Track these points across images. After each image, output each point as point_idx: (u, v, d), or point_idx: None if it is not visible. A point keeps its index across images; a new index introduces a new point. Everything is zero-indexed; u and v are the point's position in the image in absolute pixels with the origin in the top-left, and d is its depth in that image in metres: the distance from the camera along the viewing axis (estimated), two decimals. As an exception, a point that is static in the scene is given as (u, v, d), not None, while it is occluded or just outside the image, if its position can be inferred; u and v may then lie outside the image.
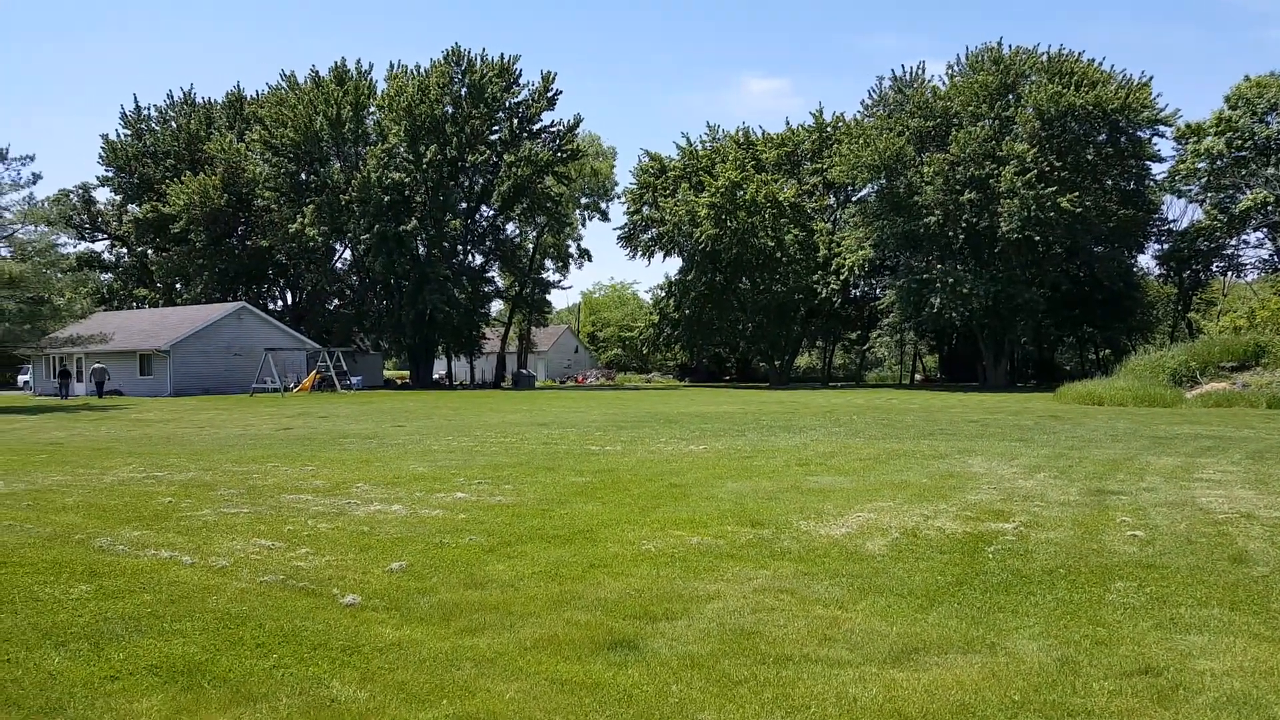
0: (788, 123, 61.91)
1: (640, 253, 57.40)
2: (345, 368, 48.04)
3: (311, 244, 51.19)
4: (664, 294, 57.84)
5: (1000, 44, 45.47)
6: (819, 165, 52.28)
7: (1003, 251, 43.54)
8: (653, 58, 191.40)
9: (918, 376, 62.18)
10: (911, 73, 48.96)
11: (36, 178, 36.19)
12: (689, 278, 53.71)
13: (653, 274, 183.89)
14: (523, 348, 67.01)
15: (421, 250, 51.93)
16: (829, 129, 53.24)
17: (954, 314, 42.73)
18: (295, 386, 43.88)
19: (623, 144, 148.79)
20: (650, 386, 57.04)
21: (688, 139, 56.51)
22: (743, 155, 52.83)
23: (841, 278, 48.28)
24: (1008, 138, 42.95)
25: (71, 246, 59.32)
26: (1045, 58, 44.59)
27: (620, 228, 57.45)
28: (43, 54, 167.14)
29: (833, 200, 55.22)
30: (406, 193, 49.92)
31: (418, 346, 53.70)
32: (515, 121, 53.70)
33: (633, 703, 4.19)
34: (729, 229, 49.12)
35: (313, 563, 6.95)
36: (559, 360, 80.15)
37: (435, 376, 60.33)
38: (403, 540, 7.73)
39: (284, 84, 55.53)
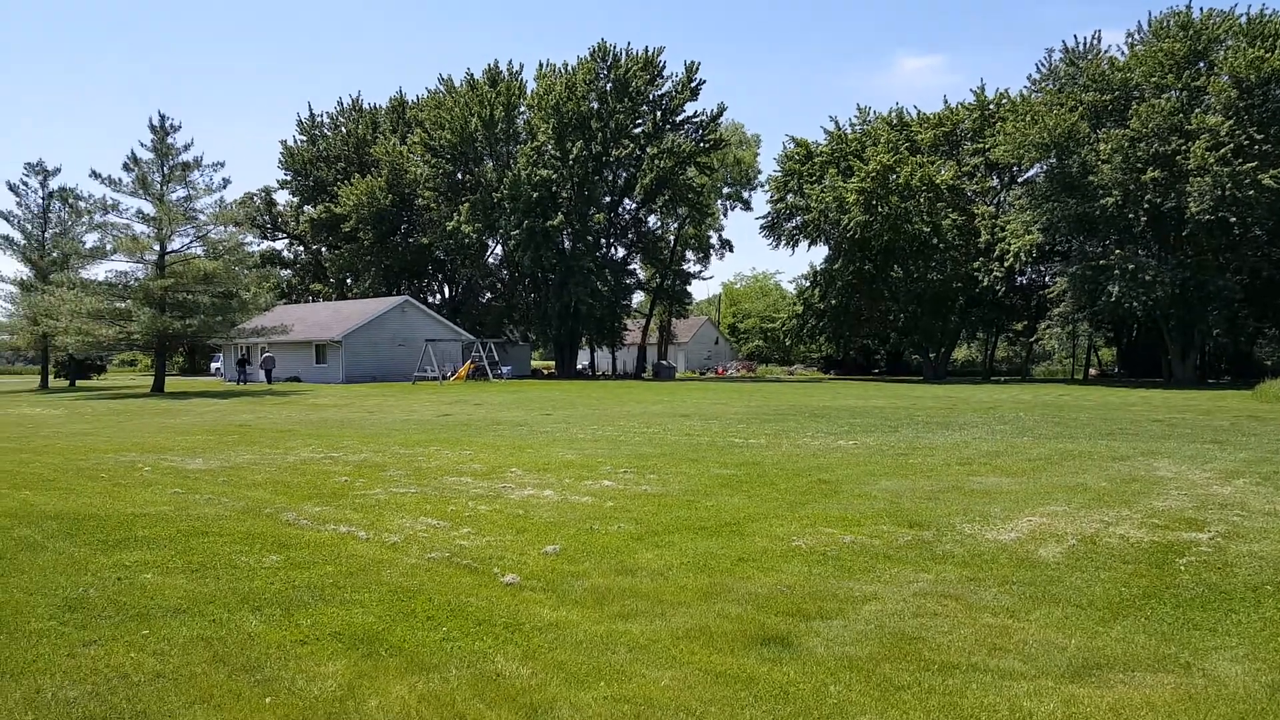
0: (945, 101, 58.97)
1: (784, 242, 56.24)
2: (497, 358, 50.05)
3: (466, 240, 53.45)
4: (809, 284, 56.57)
5: (1189, 7, 41.59)
6: (980, 145, 49.28)
7: (1192, 234, 39.75)
8: (800, 40, 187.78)
9: (1091, 371, 57.88)
10: (1085, 43, 45.67)
11: (226, 182, 39.61)
12: (836, 266, 52.17)
13: (796, 263, 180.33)
14: (663, 339, 67.58)
15: (567, 244, 53.23)
16: (991, 106, 50.14)
17: (1134, 303, 39.18)
18: (452, 375, 46.03)
19: (767, 131, 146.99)
20: (793, 379, 56.16)
21: (836, 123, 54.77)
22: (896, 137, 50.75)
23: (1006, 264, 45.24)
24: (1198, 110, 39.21)
25: (256, 245, 64.55)
26: (1244, 19, 40.42)
27: (763, 216, 56.59)
28: (230, 68, 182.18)
29: (996, 182, 52.01)
30: (553, 189, 51.27)
31: (563, 338, 55.13)
32: (658, 114, 54.01)
33: (789, 700, 4.16)
34: (880, 215, 47.27)
35: (474, 542, 7.30)
36: (699, 352, 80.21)
37: (579, 367, 61.80)
38: (555, 525, 7.99)
39: (442, 88, 58.22)
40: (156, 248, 37.03)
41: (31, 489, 10.21)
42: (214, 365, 64.24)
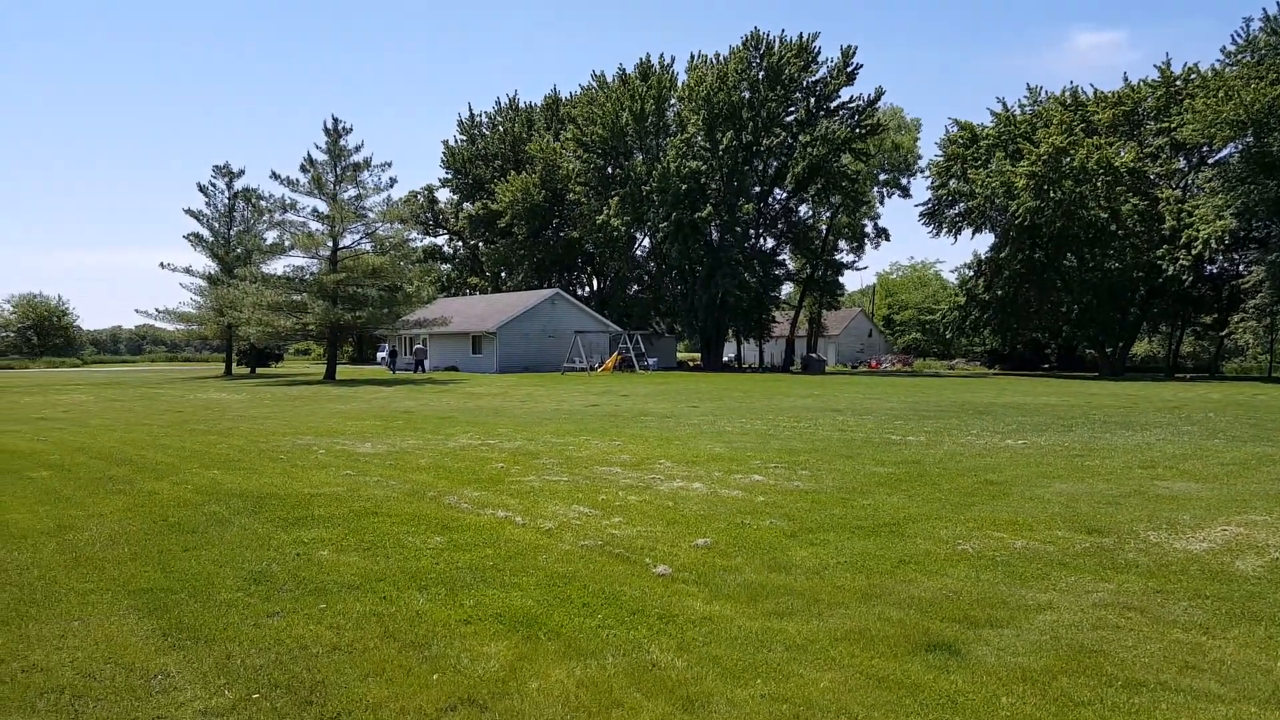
0: (1125, 79, 54.67)
1: (945, 230, 53.66)
2: (643, 349, 50.57)
3: (615, 234, 54.27)
4: (972, 273, 53.82)
5: None
6: (1165, 125, 45.22)
7: None
8: (964, 19, 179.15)
9: (1291, 368, 52.17)
10: (1289, 10, 41.15)
11: (393, 181, 41.80)
12: (1002, 255, 49.25)
13: (958, 252, 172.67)
14: (813, 331, 66.19)
15: (715, 236, 53.03)
16: (1179, 83, 45.95)
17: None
18: (599, 366, 46.92)
19: (928, 115, 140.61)
20: (953, 374, 53.72)
21: (1003, 104, 51.66)
22: (1070, 118, 47.30)
23: (1194, 252, 41.29)
24: None
25: (419, 241, 67.87)
26: None
27: (923, 203, 54.04)
28: (397, 72, 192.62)
29: (1183, 164, 47.63)
30: (702, 180, 51.17)
31: (709, 330, 55.02)
32: (812, 100, 52.84)
33: (958, 709, 3.93)
34: (1051, 200, 44.21)
35: (626, 532, 7.34)
36: (851, 345, 78.08)
37: (725, 359, 61.55)
38: (705, 518, 7.92)
39: (594, 84, 59.35)
40: (330, 244, 39.64)
41: (219, 468, 11.11)
42: (379, 355, 68.31)
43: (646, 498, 8.88)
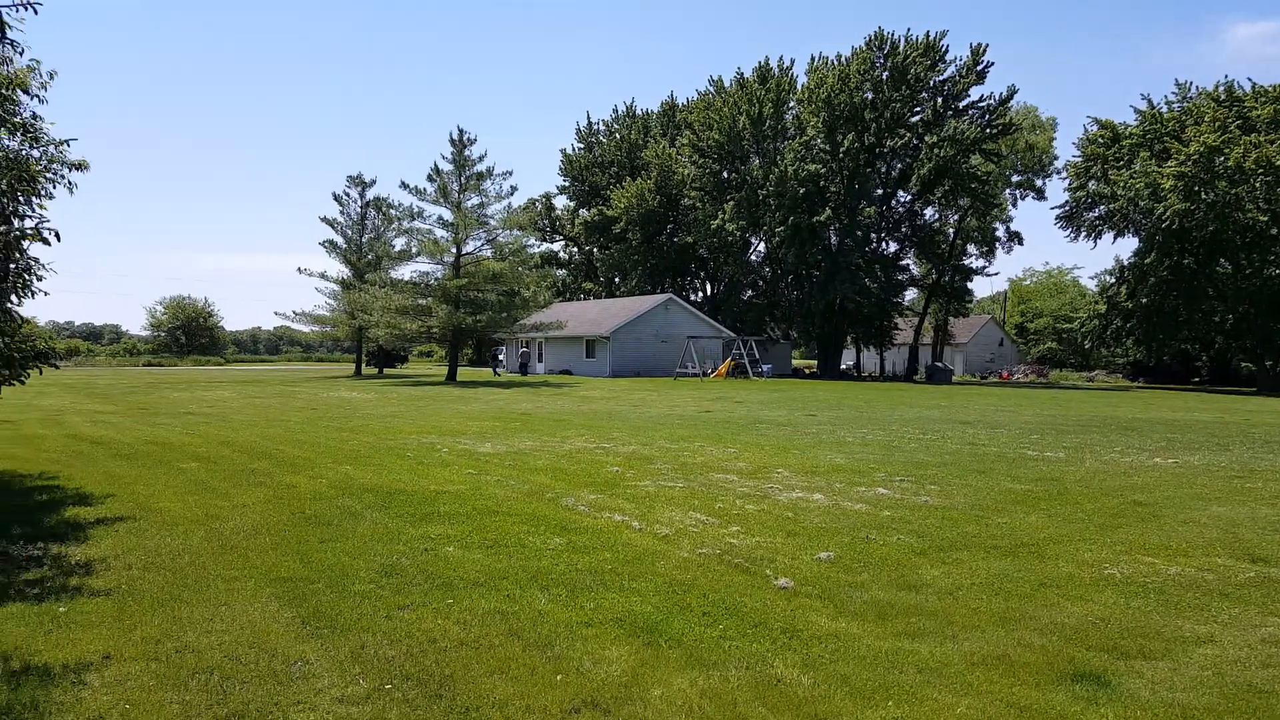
0: (1287, 72, 50.12)
1: (1084, 233, 50.69)
2: (757, 355, 50.02)
3: (730, 238, 53.98)
4: (1114, 280, 50.64)
5: None
6: (1335, 120, 41.48)
7: None
8: (1104, 13, 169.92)
9: None
10: None
11: (514, 190, 43.00)
12: (1148, 261, 46.10)
13: (1098, 257, 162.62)
14: (938, 339, 63.91)
15: (834, 240, 51.99)
16: (1348, 74, 42.01)
17: None
18: (712, 372, 46.71)
19: (1064, 113, 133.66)
20: (1093, 386, 50.77)
21: (1149, 101, 48.43)
22: (1224, 114, 43.90)
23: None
24: None
25: (536, 247, 69.43)
26: None
27: (1060, 206, 51.29)
28: (520, 84, 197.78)
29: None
30: (821, 183, 50.29)
31: (826, 336, 53.94)
32: (939, 100, 51.13)
33: (1111, 747, 3.64)
34: (1204, 202, 41.08)
35: (744, 541, 7.21)
36: (979, 354, 74.87)
37: (843, 367, 60.17)
38: (827, 530, 7.70)
39: (711, 88, 59.28)
40: (453, 250, 41.05)
41: (351, 464, 11.58)
42: (499, 357, 70.14)
43: (765, 507, 8.72)
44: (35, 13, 6.31)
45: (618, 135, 69.50)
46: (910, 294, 64.48)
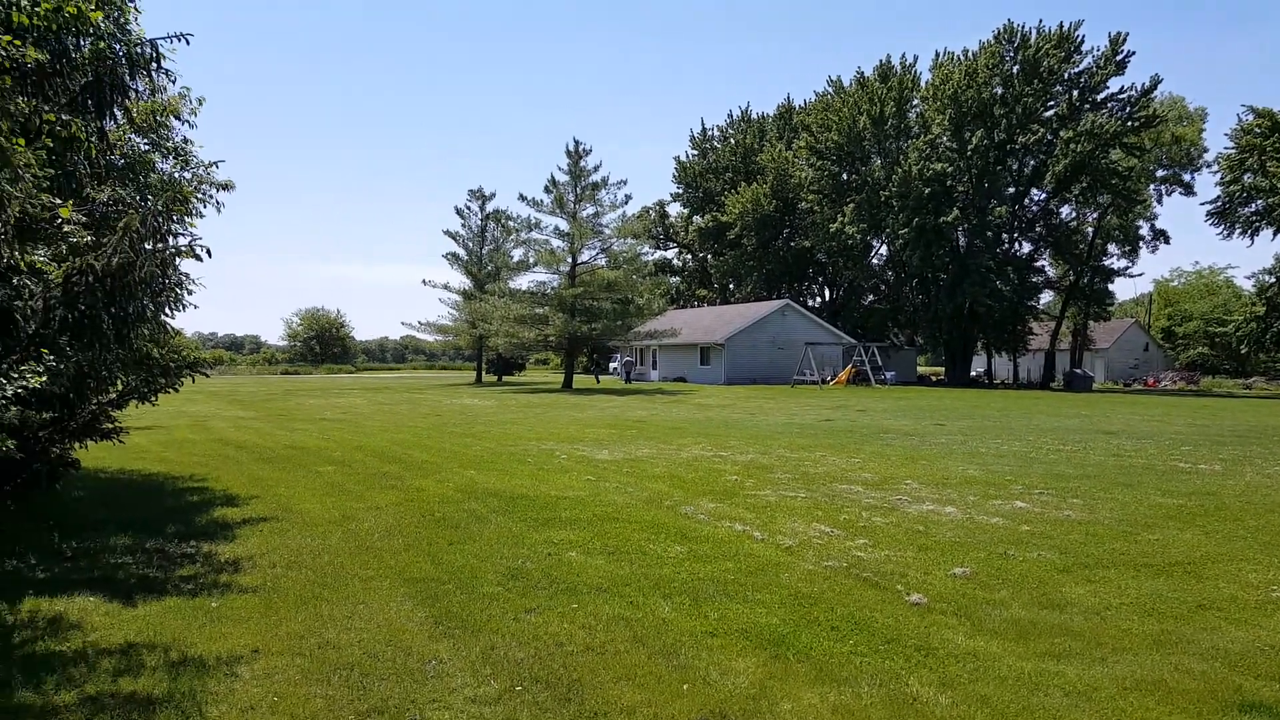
0: None
1: (1239, 230, 46.97)
2: (879, 362, 48.68)
3: (850, 241, 52.81)
4: (1274, 279, 46.73)
5: None
6: None
7: None
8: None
9: None
10: None
11: (628, 198, 43.39)
12: (1310, 259, 42.26)
13: (1255, 255, 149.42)
14: (1076, 344, 60.46)
15: (962, 241, 50.05)
16: None
17: None
18: (832, 379, 45.75)
19: (1215, 104, 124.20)
20: (1250, 394, 46.96)
21: (1310, 87, 44.59)
22: (1398, 98, 39.98)
23: None
24: None
25: (650, 255, 69.88)
26: None
27: (1211, 202, 47.71)
28: (633, 91, 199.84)
29: None
30: (948, 183, 48.54)
31: (954, 342, 51.93)
32: (1074, 93, 48.49)
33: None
34: (1377, 194, 37.50)
35: (872, 555, 6.99)
36: (1122, 359, 70.41)
37: (973, 374, 57.74)
38: (961, 545, 7.37)
39: (829, 89, 58.24)
40: (569, 260, 41.80)
41: (475, 469, 11.91)
42: (612, 365, 70.86)
43: (893, 520, 8.43)
44: (187, 43, 6.75)
45: (732, 140, 69.21)
46: (1046, 297, 61.27)
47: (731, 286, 67.01)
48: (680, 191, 71.71)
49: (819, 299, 65.51)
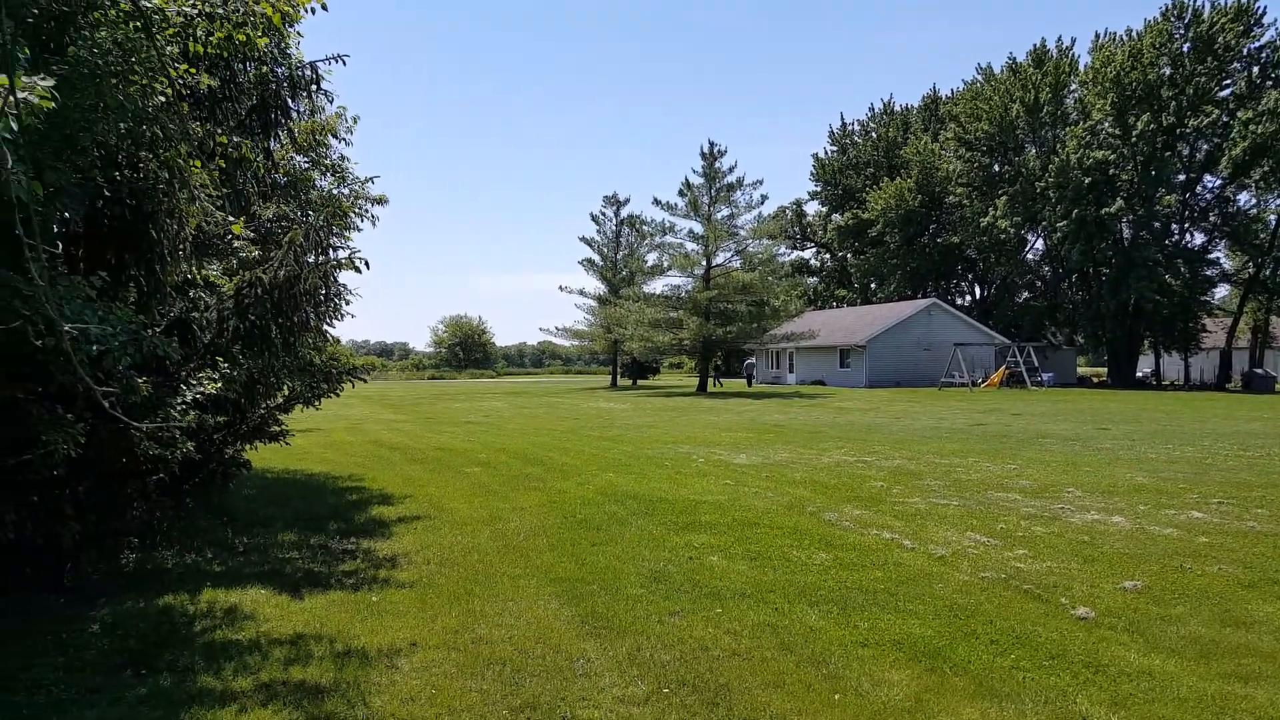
0: None
1: None
2: (1035, 363, 46.02)
3: (1002, 236, 50.29)
4: None
5: None
6: None
7: None
8: None
9: None
10: None
11: (764, 199, 43.06)
12: None
13: None
14: (1256, 342, 55.14)
15: (1126, 233, 46.68)
16: None
17: None
18: (983, 382, 43.64)
19: None
20: None
21: None
22: None
23: None
24: None
25: (786, 255, 68.88)
26: None
27: None
28: (769, 87, 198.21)
29: None
30: (1110, 171, 45.40)
31: (1118, 341, 48.46)
32: (1255, 70, 44.38)
33: None
34: None
35: (1032, 566, 6.59)
36: (1310, 358, 63.89)
37: (1139, 375, 53.73)
38: (1131, 557, 6.84)
39: (979, 77, 55.71)
40: (704, 263, 41.76)
41: (613, 471, 12.04)
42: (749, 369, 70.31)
43: (1055, 530, 7.93)
44: (344, 64, 7.14)
45: (874, 134, 67.33)
46: (1221, 291, 56.32)
47: (873, 286, 65.12)
48: (818, 189, 70.35)
49: (968, 297, 62.74)
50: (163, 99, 4.50)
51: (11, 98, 3.20)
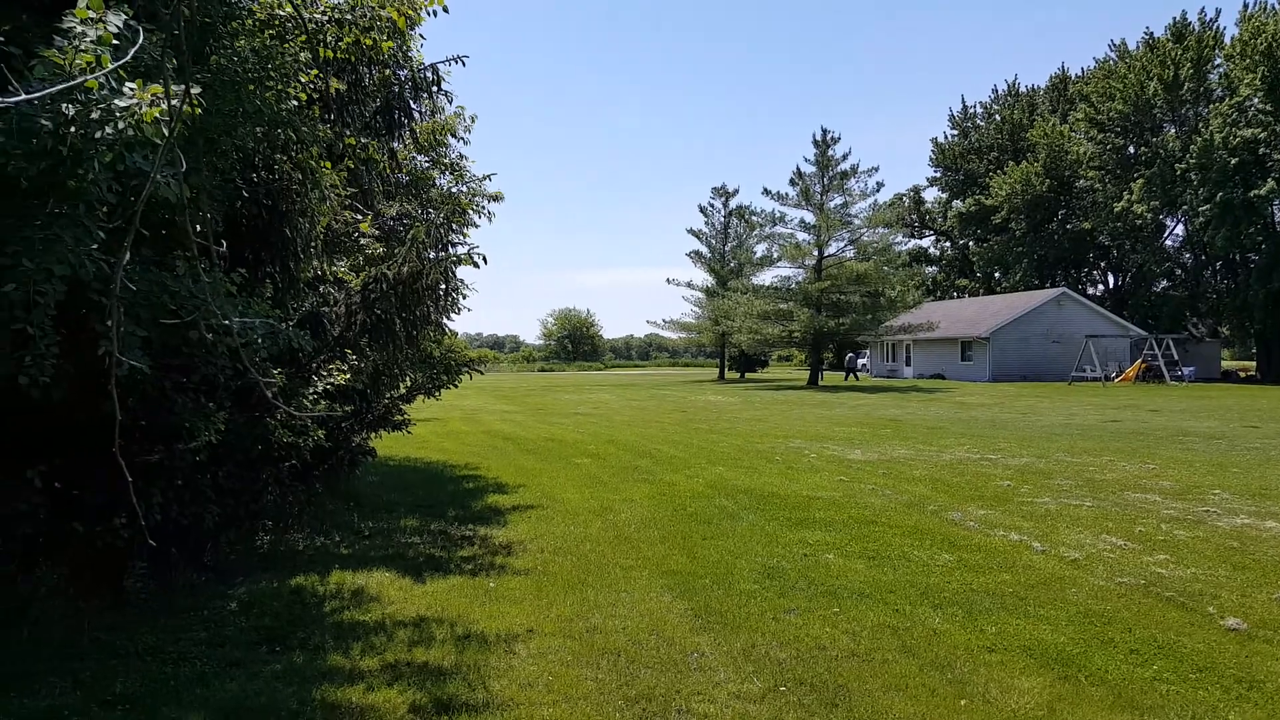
0: None
1: None
2: (1175, 356, 43.13)
3: (1138, 221, 47.33)
4: None
5: None
6: None
7: None
8: None
9: None
10: None
11: (879, 186, 41.71)
12: None
13: None
14: None
15: (1278, 217, 43.20)
16: None
17: None
18: (1116, 376, 41.21)
19: None
20: None
21: None
22: None
23: None
24: None
25: (903, 244, 66.74)
26: None
27: None
28: (883, 73, 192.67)
29: None
30: (1260, 151, 41.99)
31: (1269, 332, 44.84)
32: None
33: None
34: None
35: (1175, 573, 6.17)
36: None
37: (1292, 369, 49.63)
38: (1290, 565, 6.31)
39: (1112, 55, 52.56)
40: (815, 253, 40.95)
41: (723, 465, 11.95)
42: (860, 361, 68.64)
43: (1200, 534, 7.39)
44: (463, 65, 7.31)
45: (997, 117, 64.47)
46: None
47: (997, 275, 62.41)
48: (938, 175, 67.92)
49: (1101, 287, 59.37)
50: (296, 103, 4.71)
51: (164, 105, 3.41)
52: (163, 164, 3.88)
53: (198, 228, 4.79)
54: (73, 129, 3.46)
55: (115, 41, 3.47)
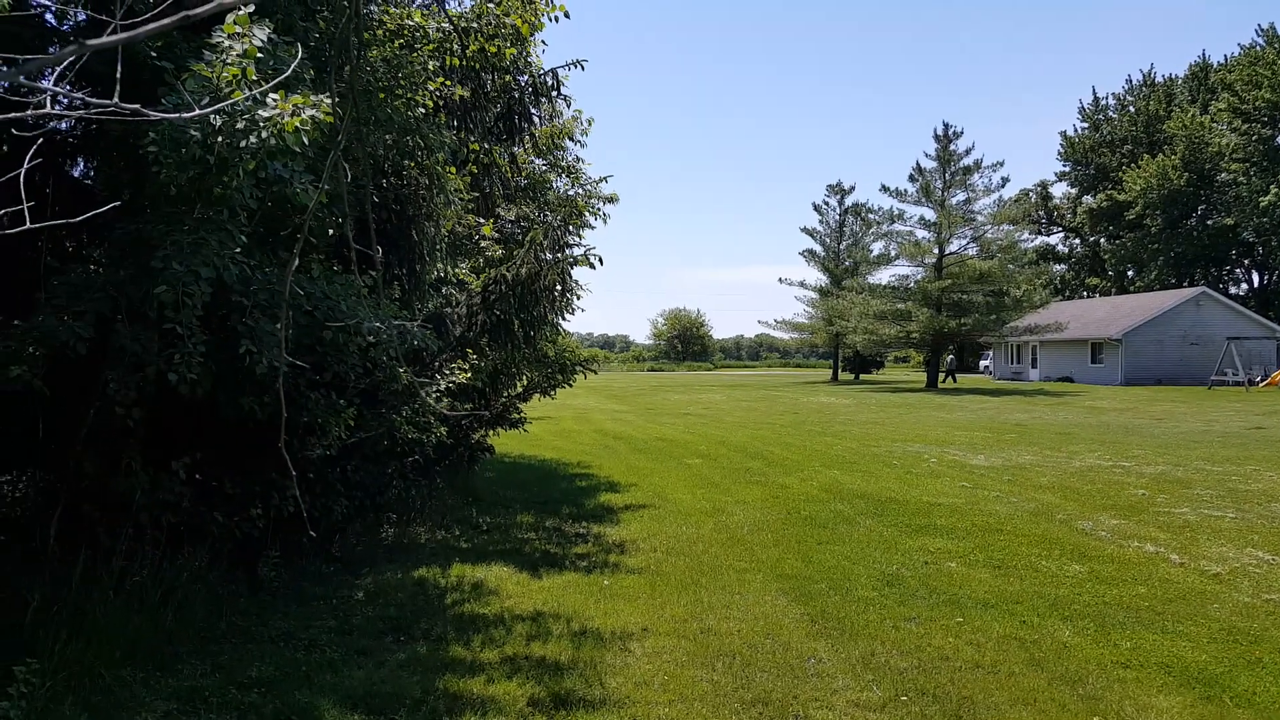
0: None
1: None
2: (1331, 360, 39.79)
3: (1287, 216, 43.96)
4: None
5: None
6: None
7: None
8: None
9: None
10: None
11: (1004, 181, 40.02)
12: None
13: None
14: None
15: None
16: None
17: None
18: (1261, 380, 38.29)
19: None
20: None
21: None
22: None
23: None
24: None
25: (1029, 241, 63.85)
26: None
27: None
28: (1004, 69, 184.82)
29: None
30: None
31: None
32: None
33: None
34: None
35: (1336, 593, 5.68)
36: None
37: None
38: None
39: (1259, 41, 48.86)
40: (935, 251, 39.62)
41: (838, 468, 11.72)
42: (983, 363, 65.96)
43: (1365, 552, 6.80)
44: (582, 69, 7.44)
45: (1131, 109, 60.95)
46: None
47: (1131, 274, 58.98)
48: (1067, 169, 64.70)
49: (1244, 286, 55.38)
50: (423, 110, 4.89)
51: (304, 115, 3.60)
52: (300, 171, 4.11)
53: (330, 232, 5.04)
54: (219, 139, 3.69)
55: (259, 54, 3.68)
